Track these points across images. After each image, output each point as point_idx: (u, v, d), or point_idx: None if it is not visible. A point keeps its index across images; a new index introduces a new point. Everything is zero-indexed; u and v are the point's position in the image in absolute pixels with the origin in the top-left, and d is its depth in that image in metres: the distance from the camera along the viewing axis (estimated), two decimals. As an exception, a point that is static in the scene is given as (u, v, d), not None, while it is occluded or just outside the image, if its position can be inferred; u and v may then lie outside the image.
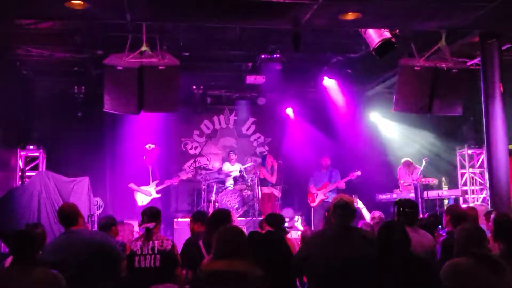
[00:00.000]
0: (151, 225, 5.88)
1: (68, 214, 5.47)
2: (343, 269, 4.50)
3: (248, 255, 4.24)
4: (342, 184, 12.30)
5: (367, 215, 8.32)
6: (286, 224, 10.21)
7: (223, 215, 5.74)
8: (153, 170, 11.82)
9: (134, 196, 11.66)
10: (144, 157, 11.91)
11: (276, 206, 12.58)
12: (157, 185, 11.69)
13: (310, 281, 4.88)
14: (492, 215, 5.94)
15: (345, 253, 4.62)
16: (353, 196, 8.98)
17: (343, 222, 4.87)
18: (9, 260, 6.28)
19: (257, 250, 4.50)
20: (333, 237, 4.83)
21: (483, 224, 6.61)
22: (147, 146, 12.05)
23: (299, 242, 7.18)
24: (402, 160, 11.80)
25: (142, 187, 11.60)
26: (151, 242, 5.82)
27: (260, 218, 8.66)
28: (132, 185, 11.68)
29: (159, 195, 11.71)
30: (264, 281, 4.14)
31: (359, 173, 12.12)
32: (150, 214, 6.02)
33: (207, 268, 4.18)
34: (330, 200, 6.92)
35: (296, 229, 10.47)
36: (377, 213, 7.62)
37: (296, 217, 11.34)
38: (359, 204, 8.78)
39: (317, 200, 12.30)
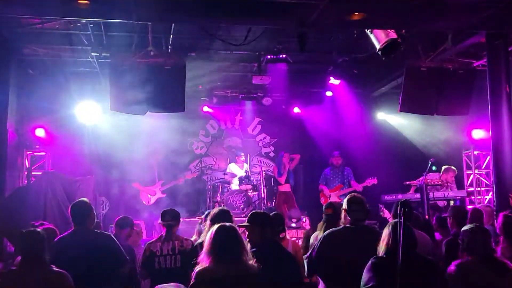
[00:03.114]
0: (172, 222, 5.93)
1: (78, 212, 5.48)
2: (358, 268, 4.50)
3: (243, 252, 4.21)
4: (359, 188, 12.16)
5: None
6: (293, 225, 10.29)
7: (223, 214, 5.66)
8: (159, 170, 11.81)
9: (140, 196, 11.66)
10: (150, 157, 11.90)
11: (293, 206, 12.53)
12: (162, 185, 11.69)
13: (324, 279, 4.88)
14: (500, 217, 5.94)
15: (360, 251, 4.61)
16: (380, 205, 8.97)
17: (359, 218, 4.86)
18: (18, 259, 6.33)
19: None
20: (348, 236, 4.83)
21: (488, 225, 6.60)
22: (152, 146, 12.06)
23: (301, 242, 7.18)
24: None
25: (148, 187, 11.60)
26: (170, 242, 5.83)
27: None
28: (137, 185, 11.68)
29: (164, 195, 11.71)
30: (261, 278, 4.13)
31: (375, 180, 11.99)
32: (172, 213, 6.07)
33: (201, 276, 4.11)
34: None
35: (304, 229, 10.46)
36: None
37: (304, 218, 11.32)
38: (385, 214, 8.78)
39: None
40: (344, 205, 4.98)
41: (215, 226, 4.35)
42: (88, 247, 5.23)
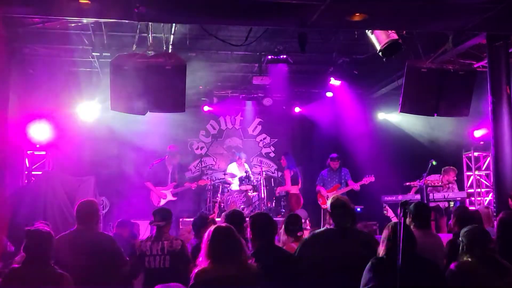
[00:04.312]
0: (162, 223, 5.91)
1: (83, 212, 5.48)
2: (339, 271, 4.50)
3: (241, 253, 4.21)
4: (357, 187, 12.08)
5: None
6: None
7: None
8: (173, 171, 11.73)
9: (151, 196, 11.56)
10: (166, 157, 11.79)
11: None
12: (174, 188, 11.57)
13: (307, 281, 4.87)
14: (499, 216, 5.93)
15: (341, 255, 4.61)
16: (384, 204, 8.92)
17: (342, 222, 4.84)
18: (17, 258, 6.32)
19: None
20: (330, 239, 4.81)
21: (488, 227, 6.59)
22: (169, 147, 11.94)
23: None
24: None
25: (159, 188, 11.49)
26: (160, 242, 5.83)
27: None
28: (149, 184, 11.58)
29: (175, 198, 11.57)
30: (260, 278, 4.13)
31: (373, 178, 11.91)
32: (162, 213, 6.06)
33: (200, 277, 4.11)
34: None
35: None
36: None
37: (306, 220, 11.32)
38: (389, 213, 8.78)
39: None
40: (328, 207, 4.97)
41: (212, 227, 4.35)
42: (89, 247, 5.24)
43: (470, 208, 9.39)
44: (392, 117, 13.70)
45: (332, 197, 5.19)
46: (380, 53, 8.22)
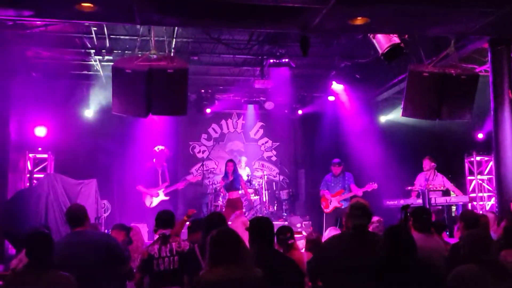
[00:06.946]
0: (167, 231, 5.88)
1: (75, 215, 5.48)
2: (360, 273, 4.48)
3: (245, 256, 4.19)
4: (360, 193, 11.97)
5: None
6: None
7: (218, 219, 5.70)
8: (162, 172, 11.73)
9: (143, 199, 11.58)
10: (154, 159, 11.82)
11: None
12: (166, 187, 11.56)
13: (325, 284, 4.87)
14: (503, 223, 5.90)
15: (361, 257, 4.60)
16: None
17: (360, 223, 4.85)
18: (14, 261, 6.32)
19: None
20: (350, 241, 4.82)
21: (491, 231, 6.58)
22: (156, 148, 11.94)
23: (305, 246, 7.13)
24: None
25: (151, 189, 11.50)
26: (168, 244, 5.82)
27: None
28: (140, 188, 11.59)
29: (167, 198, 11.57)
30: (264, 282, 4.12)
31: (375, 186, 11.81)
32: (166, 219, 6.00)
33: (204, 279, 4.10)
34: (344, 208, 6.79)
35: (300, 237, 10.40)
36: (375, 218, 7.55)
37: (299, 224, 11.27)
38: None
39: (331, 207, 11.86)
40: (347, 210, 4.99)
41: (215, 231, 4.33)
42: (88, 247, 5.23)
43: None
44: (394, 120, 13.66)
45: (353, 199, 5.23)
46: (382, 57, 8.22)
